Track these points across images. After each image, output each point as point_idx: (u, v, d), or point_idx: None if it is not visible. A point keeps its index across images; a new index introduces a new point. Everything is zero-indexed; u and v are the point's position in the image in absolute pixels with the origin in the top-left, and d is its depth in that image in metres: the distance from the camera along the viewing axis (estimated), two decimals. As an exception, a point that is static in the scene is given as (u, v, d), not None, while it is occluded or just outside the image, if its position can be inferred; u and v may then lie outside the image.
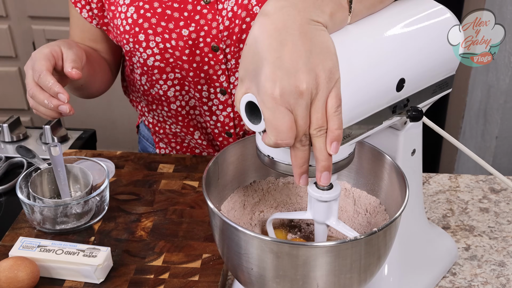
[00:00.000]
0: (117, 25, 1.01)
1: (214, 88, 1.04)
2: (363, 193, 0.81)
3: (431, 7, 0.73)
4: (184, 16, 0.97)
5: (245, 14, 0.96)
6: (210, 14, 0.97)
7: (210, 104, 1.06)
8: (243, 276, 0.69)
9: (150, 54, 1.00)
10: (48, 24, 2.18)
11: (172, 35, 0.98)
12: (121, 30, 1.01)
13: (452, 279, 0.90)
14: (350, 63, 0.61)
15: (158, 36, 0.98)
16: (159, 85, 1.05)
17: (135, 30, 0.99)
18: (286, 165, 0.64)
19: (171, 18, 0.97)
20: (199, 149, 1.18)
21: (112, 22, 1.03)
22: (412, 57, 0.68)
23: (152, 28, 0.98)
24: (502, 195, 1.08)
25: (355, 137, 0.65)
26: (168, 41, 0.98)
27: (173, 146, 1.20)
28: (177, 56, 1.00)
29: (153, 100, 1.10)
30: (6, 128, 1.36)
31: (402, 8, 0.72)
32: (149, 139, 1.26)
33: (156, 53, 1.00)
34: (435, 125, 0.76)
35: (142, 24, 0.98)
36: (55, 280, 0.85)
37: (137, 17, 0.98)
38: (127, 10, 0.99)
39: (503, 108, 1.86)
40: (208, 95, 1.05)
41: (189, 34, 0.98)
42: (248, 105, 0.60)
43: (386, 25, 0.68)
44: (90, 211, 0.95)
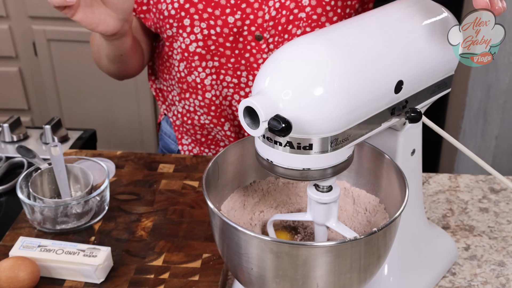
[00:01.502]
0: (161, 9, 1.02)
1: (253, 76, 1.06)
2: (363, 192, 0.81)
3: (430, 7, 0.73)
4: (230, 4, 0.99)
5: (293, 5, 0.98)
6: (256, 3, 0.99)
7: (248, 90, 1.08)
8: (243, 276, 0.69)
9: (193, 40, 1.02)
10: (48, 24, 2.18)
11: (218, 22, 0.99)
12: (165, 15, 1.01)
13: (452, 279, 0.90)
14: (347, 65, 0.61)
15: (203, 22, 0.99)
16: (197, 72, 1.07)
17: (181, 15, 1.00)
18: (285, 168, 0.65)
19: (217, 4, 0.99)
20: (224, 142, 1.18)
21: (155, 7, 1.04)
22: (410, 59, 0.68)
23: (198, 14, 0.99)
24: (502, 195, 1.08)
25: (354, 140, 0.65)
26: (213, 28, 1.00)
27: (198, 138, 1.20)
28: (219, 43, 1.01)
29: (187, 88, 1.11)
30: (7, 128, 1.36)
31: (400, 9, 0.72)
32: (171, 135, 1.26)
33: (200, 39, 1.01)
34: (435, 125, 0.76)
35: (189, 9, 0.99)
36: (56, 280, 0.85)
37: (184, 2, 0.99)
38: None
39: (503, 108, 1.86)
40: (246, 81, 1.07)
41: (234, 21, 0.99)
42: (247, 109, 0.60)
43: (383, 26, 0.68)
44: (90, 211, 0.95)
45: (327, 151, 0.63)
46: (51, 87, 2.33)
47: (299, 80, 0.60)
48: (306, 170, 0.64)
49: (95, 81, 2.29)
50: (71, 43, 2.21)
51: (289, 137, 0.62)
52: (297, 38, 0.65)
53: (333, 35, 0.65)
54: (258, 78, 0.63)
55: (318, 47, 0.62)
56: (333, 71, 0.60)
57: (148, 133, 2.39)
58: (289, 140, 0.62)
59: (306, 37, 0.65)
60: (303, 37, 0.65)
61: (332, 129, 0.61)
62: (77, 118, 2.37)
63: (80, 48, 2.21)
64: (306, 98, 0.59)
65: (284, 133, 0.59)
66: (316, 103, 0.59)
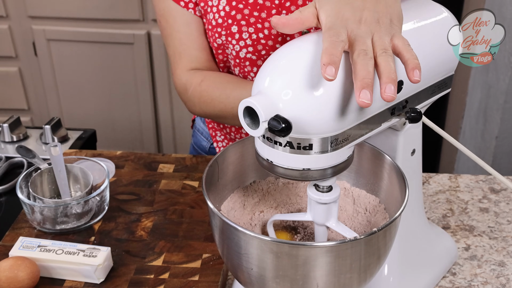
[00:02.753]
0: (209, 19, 1.01)
1: None
2: (363, 192, 0.81)
3: (430, 7, 0.73)
4: (275, 4, 0.98)
5: None
6: (300, 0, 0.98)
7: None
8: (243, 276, 0.69)
9: (243, 46, 1.01)
10: (48, 24, 2.18)
11: (265, 24, 0.98)
12: (213, 24, 1.00)
13: (452, 279, 0.90)
14: (347, 65, 0.61)
15: (251, 27, 0.99)
16: (250, 76, 1.06)
17: (228, 23, 0.99)
18: (285, 169, 0.64)
19: (263, 7, 0.98)
20: None
21: (205, 18, 1.03)
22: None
23: (245, 19, 0.98)
24: (502, 195, 1.08)
25: (354, 140, 0.65)
26: (261, 31, 0.99)
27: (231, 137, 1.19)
28: (269, 46, 1.00)
29: None
30: (6, 128, 1.36)
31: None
32: (204, 132, 1.26)
33: (249, 44, 1.00)
34: (435, 125, 0.76)
35: (235, 16, 0.98)
36: (55, 280, 0.85)
37: (230, 9, 0.98)
38: (218, 3, 0.99)
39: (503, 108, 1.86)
40: None
41: None
42: (247, 110, 0.60)
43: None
44: (90, 211, 0.95)
45: (327, 151, 0.63)
46: (51, 87, 2.33)
47: (299, 80, 0.60)
48: (306, 170, 0.64)
49: (95, 81, 2.29)
50: (71, 43, 2.21)
51: (289, 137, 0.62)
52: (297, 38, 0.65)
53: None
54: (258, 78, 0.63)
55: (319, 47, 0.62)
56: (333, 71, 0.60)
57: (148, 133, 2.39)
58: (289, 140, 0.62)
59: (306, 37, 0.65)
60: (303, 37, 0.65)
61: (332, 129, 0.61)
62: (77, 118, 2.37)
63: (80, 48, 2.21)
64: (306, 98, 0.59)
65: (284, 133, 0.59)
66: (316, 103, 0.59)
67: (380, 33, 0.61)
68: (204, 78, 1.04)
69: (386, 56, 0.60)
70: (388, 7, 0.64)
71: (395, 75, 0.59)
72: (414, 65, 0.60)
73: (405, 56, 0.61)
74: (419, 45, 0.69)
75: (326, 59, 0.57)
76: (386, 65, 0.59)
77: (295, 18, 0.64)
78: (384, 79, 0.59)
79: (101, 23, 2.16)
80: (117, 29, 2.16)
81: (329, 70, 0.57)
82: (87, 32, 2.17)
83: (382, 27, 0.62)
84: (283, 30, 0.64)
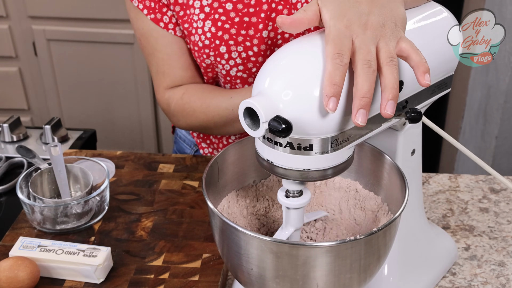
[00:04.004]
0: (194, 41, 0.99)
1: None
2: (363, 192, 0.81)
3: (429, 7, 0.73)
4: (261, 18, 0.96)
5: None
6: (285, 10, 0.97)
7: None
8: (243, 276, 0.69)
9: (233, 65, 0.99)
10: (48, 24, 2.19)
11: (254, 41, 0.97)
12: (199, 46, 0.98)
13: (452, 279, 0.90)
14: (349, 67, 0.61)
15: (239, 46, 0.97)
16: None
17: (216, 43, 0.97)
18: (285, 169, 0.65)
19: (250, 24, 0.96)
20: None
21: (189, 39, 1.00)
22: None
23: (233, 39, 0.97)
24: (502, 195, 1.08)
25: (355, 140, 0.65)
26: (250, 48, 0.97)
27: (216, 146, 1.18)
28: (260, 63, 0.99)
29: None
30: (6, 128, 1.36)
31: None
32: (187, 140, 1.25)
33: (239, 63, 0.99)
34: (435, 125, 0.76)
35: (222, 36, 0.96)
36: (55, 280, 0.85)
37: (216, 30, 0.96)
38: (203, 25, 0.97)
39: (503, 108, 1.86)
40: None
41: (268, 34, 0.97)
42: (247, 110, 0.60)
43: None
44: (90, 211, 0.95)
45: (327, 152, 0.63)
46: (51, 87, 2.33)
47: (299, 81, 0.60)
48: (307, 171, 0.64)
49: (95, 81, 2.29)
50: (71, 43, 2.21)
51: (290, 138, 0.62)
52: (297, 38, 0.65)
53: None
54: (258, 79, 0.63)
55: (318, 48, 0.62)
56: (333, 71, 0.60)
57: (148, 133, 2.39)
58: (290, 140, 0.62)
59: (306, 37, 0.65)
60: (303, 37, 0.65)
61: (332, 130, 0.61)
62: (77, 118, 2.37)
63: (80, 48, 2.21)
64: (306, 99, 0.59)
65: (285, 134, 0.59)
66: (317, 103, 0.59)
67: (386, 38, 0.61)
68: (186, 91, 1.03)
69: (391, 67, 0.59)
70: (393, 11, 0.63)
71: (397, 91, 0.59)
72: (424, 68, 0.60)
73: (415, 60, 0.60)
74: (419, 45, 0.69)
75: (329, 90, 0.57)
76: (391, 78, 0.59)
77: (300, 18, 0.63)
78: (387, 94, 0.59)
79: (101, 23, 2.16)
80: (117, 29, 2.16)
81: (331, 104, 0.57)
82: (87, 32, 2.17)
83: (388, 31, 0.61)
84: (289, 30, 0.63)
